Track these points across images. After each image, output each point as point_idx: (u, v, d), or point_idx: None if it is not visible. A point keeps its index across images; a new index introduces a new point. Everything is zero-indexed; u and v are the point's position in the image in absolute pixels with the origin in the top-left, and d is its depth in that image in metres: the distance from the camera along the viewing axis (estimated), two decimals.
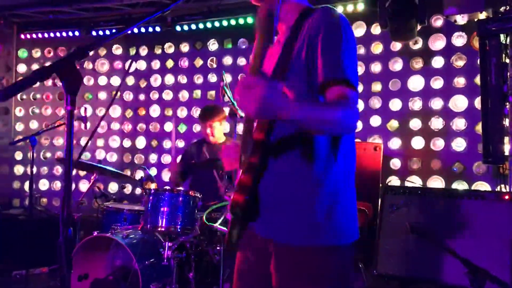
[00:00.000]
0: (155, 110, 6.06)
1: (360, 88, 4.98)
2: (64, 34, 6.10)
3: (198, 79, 5.89)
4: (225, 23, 5.41)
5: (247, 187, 1.48)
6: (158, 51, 6.07)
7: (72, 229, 1.12)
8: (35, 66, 6.52)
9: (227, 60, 5.76)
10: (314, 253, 1.51)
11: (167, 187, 3.82)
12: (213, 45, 5.84)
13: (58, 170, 6.36)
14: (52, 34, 6.17)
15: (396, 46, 4.91)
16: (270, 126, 1.48)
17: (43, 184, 6.36)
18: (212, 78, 5.79)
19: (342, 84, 1.45)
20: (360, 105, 5.03)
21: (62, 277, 1.05)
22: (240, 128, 2.44)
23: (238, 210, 1.49)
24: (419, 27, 4.25)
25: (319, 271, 1.52)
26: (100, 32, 5.94)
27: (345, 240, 1.55)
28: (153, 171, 5.89)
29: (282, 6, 1.65)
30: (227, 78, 5.59)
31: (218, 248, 3.52)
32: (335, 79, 1.45)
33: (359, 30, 5.08)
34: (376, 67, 5.05)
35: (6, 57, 6.39)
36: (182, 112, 5.90)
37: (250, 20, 5.27)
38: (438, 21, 4.72)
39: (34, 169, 6.13)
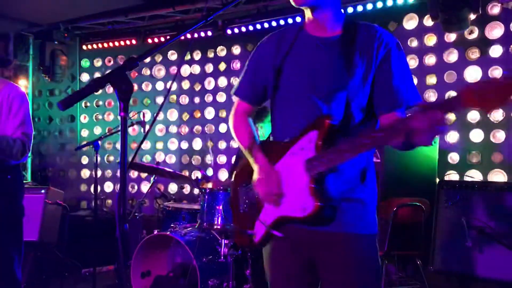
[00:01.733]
0: (210, 112, 6.23)
1: (414, 81, 4.86)
2: (122, 43, 6.39)
3: None
4: (274, 23, 5.47)
5: (321, 195, 1.62)
6: (211, 54, 6.23)
7: (127, 224, 1.22)
8: (97, 75, 6.89)
9: None
10: (371, 239, 1.73)
11: (221, 186, 3.93)
12: None
13: None
14: (111, 44, 6.49)
15: (451, 37, 4.76)
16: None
17: (108, 187, 6.70)
18: None
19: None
20: None
21: (119, 267, 1.15)
22: None
23: (321, 217, 1.62)
24: (473, 16, 4.11)
25: (374, 254, 1.73)
26: (156, 39, 6.19)
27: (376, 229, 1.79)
28: (209, 171, 6.05)
29: (326, 9, 1.71)
30: None
31: None
32: (414, 104, 1.69)
33: (411, 22, 4.97)
34: (430, 59, 4.93)
35: (70, 67, 6.79)
36: None
37: (298, 19, 5.29)
38: (495, 9, 4.54)
39: (99, 173, 6.53)
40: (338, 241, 1.68)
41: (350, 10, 4.98)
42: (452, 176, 4.60)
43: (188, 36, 5.90)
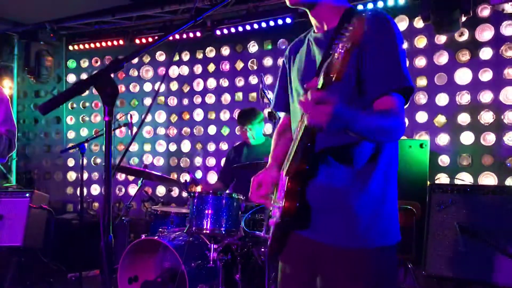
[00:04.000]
0: (198, 114, 6.16)
1: None
2: (109, 43, 6.29)
3: (240, 82, 5.94)
4: (264, 24, 5.42)
5: (296, 194, 1.53)
6: (199, 55, 6.16)
7: (112, 236, 1.15)
8: (83, 76, 6.78)
9: (268, 61, 5.77)
10: (364, 254, 1.55)
11: (211, 190, 3.87)
12: (253, 47, 5.86)
13: None
14: (98, 44, 6.38)
15: (441, 39, 4.75)
16: (314, 134, 1.51)
17: (95, 189, 6.60)
18: (253, 80, 5.81)
19: (399, 93, 1.50)
20: None
21: (104, 280, 1.09)
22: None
23: (289, 217, 1.53)
24: (464, 18, 4.09)
25: (369, 271, 1.55)
26: (144, 40, 6.10)
27: (391, 241, 1.60)
28: (198, 174, 5.98)
29: (322, 5, 1.66)
30: (268, 79, 5.63)
31: (263, 250, 3.53)
32: (398, 88, 1.50)
33: (401, 24, 4.94)
34: (420, 61, 4.91)
35: (56, 68, 6.67)
36: (224, 115, 5.96)
37: (288, 20, 5.25)
38: (484, 11, 4.53)
39: (86, 175, 6.42)
40: (329, 255, 1.58)
41: None
42: (443, 179, 4.59)
43: (177, 36, 5.83)
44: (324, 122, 1.24)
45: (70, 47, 6.58)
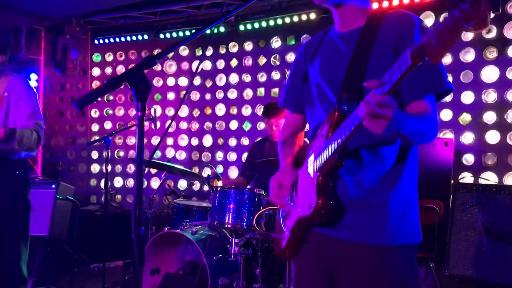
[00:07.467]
0: (220, 109, 6.19)
1: None
2: (134, 37, 6.36)
3: (262, 77, 5.94)
4: (287, 20, 5.41)
5: (329, 191, 1.53)
6: (222, 50, 6.18)
7: (143, 228, 1.18)
8: (108, 69, 6.87)
9: (291, 57, 5.75)
10: (393, 251, 1.55)
11: (232, 185, 3.90)
12: (276, 43, 5.86)
13: (131, 168, 6.67)
14: (123, 38, 6.46)
15: (468, 35, 4.67)
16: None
17: (117, 182, 6.69)
18: (276, 75, 5.82)
19: (434, 95, 1.52)
20: None
21: (135, 273, 1.11)
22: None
23: (321, 214, 1.53)
24: (492, 15, 4.02)
25: (398, 267, 1.55)
26: (168, 35, 6.15)
27: (417, 239, 1.60)
28: (219, 169, 6.02)
29: (349, 5, 1.67)
30: None
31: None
32: (441, 92, 1.52)
33: (427, 20, 4.88)
34: (445, 59, 4.83)
35: (81, 61, 6.78)
36: (246, 110, 5.98)
37: (312, 16, 5.23)
38: None
39: (109, 168, 6.52)
40: (355, 253, 1.56)
41: None
42: (467, 178, 4.53)
43: (208, 31, 5.86)
44: (383, 127, 1.25)
45: (95, 41, 6.67)
